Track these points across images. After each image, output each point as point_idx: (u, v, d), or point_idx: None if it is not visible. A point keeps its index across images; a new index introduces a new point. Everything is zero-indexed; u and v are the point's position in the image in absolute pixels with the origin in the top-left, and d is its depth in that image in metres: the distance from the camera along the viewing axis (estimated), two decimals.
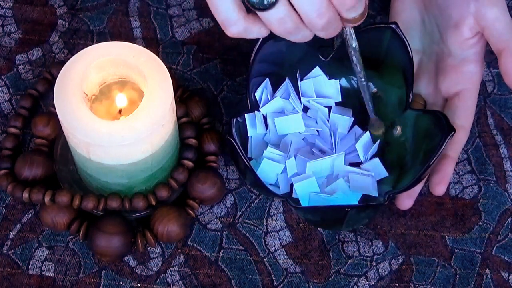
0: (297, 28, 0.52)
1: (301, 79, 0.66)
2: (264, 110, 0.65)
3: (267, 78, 0.65)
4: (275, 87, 0.66)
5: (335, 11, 0.51)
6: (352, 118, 0.66)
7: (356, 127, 0.66)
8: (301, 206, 0.62)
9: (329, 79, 0.67)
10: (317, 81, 0.67)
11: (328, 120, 0.66)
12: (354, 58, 0.60)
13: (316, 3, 0.50)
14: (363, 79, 0.62)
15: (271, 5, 0.49)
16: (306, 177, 0.62)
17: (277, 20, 0.50)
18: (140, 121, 0.56)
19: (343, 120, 0.66)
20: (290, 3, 0.50)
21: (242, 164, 0.59)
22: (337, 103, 0.67)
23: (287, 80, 0.66)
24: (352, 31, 0.58)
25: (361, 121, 0.66)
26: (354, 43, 0.58)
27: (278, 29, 0.51)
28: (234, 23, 0.50)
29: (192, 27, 0.73)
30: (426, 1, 0.67)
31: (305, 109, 0.67)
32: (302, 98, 0.66)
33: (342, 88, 0.67)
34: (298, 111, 0.65)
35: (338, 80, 0.67)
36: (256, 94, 0.65)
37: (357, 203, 0.62)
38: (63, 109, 0.56)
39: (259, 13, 0.50)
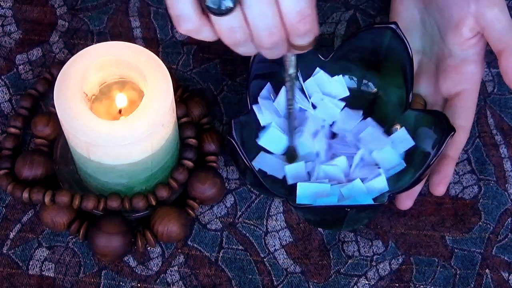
0: (245, 41, 0.51)
1: (303, 79, 0.66)
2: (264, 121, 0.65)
3: (268, 83, 0.65)
4: (275, 88, 0.66)
5: (285, 34, 0.51)
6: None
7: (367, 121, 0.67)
8: (301, 206, 0.62)
9: None
10: (321, 80, 0.66)
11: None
12: (288, 84, 0.59)
13: (268, 21, 0.49)
14: (291, 107, 0.62)
15: (226, 12, 0.49)
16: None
17: (228, 28, 0.50)
18: (140, 121, 0.56)
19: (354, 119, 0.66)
20: (245, 15, 0.50)
21: (242, 164, 0.59)
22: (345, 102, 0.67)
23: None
24: (293, 58, 0.57)
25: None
26: (291, 70, 0.58)
27: (226, 37, 0.51)
28: (189, 20, 0.50)
29: None
30: (426, 1, 0.67)
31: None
32: (312, 96, 0.66)
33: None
34: (306, 109, 0.65)
35: (341, 75, 0.67)
36: (259, 98, 0.65)
37: (357, 203, 0.62)
38: (63, 109, 0.56)
39: (213, 18, 0.50)
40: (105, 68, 0.59)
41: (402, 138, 0.64)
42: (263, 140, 0.64)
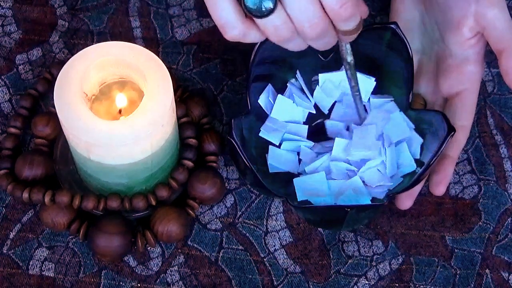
0: (292, 37, 0.53)
1: (304, 82, 0.66)
2: (274, 115, 0.65)
3: (269, 84, 0.65)
4: (275, 88, 0.66)
5: (329, 23, 0.52)
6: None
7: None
8: (301, 206, 0.62)
9: None
10: (327, 88, 0.67)
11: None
12: (348, 72, 0.60)
13: (309, 13, 0.50)
14: (357, 93, 0.62)
15: (268, 13, 0.50)
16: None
17: (273, 27, 0.52)
18: (140, 121, 0.56)
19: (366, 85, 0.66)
20: (287, 12, 0.51)
21: (242, 164, 0.59)
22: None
23: (289, 85, 0.66)
24: (348, 46, 0.58)
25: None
26: (350, 58, 0.59)
27: (273, 36, 0.52)
28: (234, 27, 0.52)
29: (192, 27, 0.73)
30: (427, 1, 0.67)
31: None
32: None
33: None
34: (309, 108, 0.66)
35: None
36: (259, 101, 0.65)
37: (357, 203, 0.62)
38: (63, 109, 0.56)
39: (256, 20, 0.51)
40: (105, 68, 0.59)
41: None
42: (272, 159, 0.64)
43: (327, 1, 0.50)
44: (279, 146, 0.65)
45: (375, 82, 0.66)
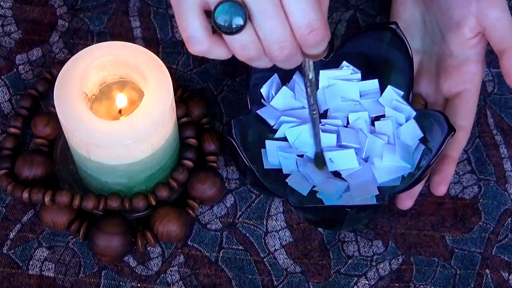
0: (259, 56, 0.52)
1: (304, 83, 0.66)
2: (274, 104, 0.65)
3: (276, 74, 0.65)
4: (282, 80, 0.66)
5: (297, 46, 0.51)
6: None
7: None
8: (301, 206, 0.62)
9: None
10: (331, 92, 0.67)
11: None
12: (308, 90, 0.58)
13: (280, 35, 0.49)
14: (314, 112, 0.60)
15: (238, 30, 0.49)
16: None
17: (241, 46, 0.51)
18: (140, 121, 0.56)
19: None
20: (256, 31, 0.50)
21: (242, 164, 0.59)
22: None
23: (294, 76, 0.66)
24: (311, 62, 0.56)
25: None
26: (311, 75, 0.57)
27: (240, 54, 0.51)
28: (200, 42, 0.51)
29: None
30: (427, 1, 0.67)
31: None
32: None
33: None
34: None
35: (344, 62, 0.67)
36: (262, 90, 0.65)
37: (357, 203, 0.62)
38: (63, 109, 0.56)
39: (225, 37, 0.50)
40: (105, 68, 0.59)
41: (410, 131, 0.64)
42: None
43: (297, 26, 0.49)
44: (275, 133, 0.65)
45: (378, 84, 0.66)
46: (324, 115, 0.66)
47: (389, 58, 0.65)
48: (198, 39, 0.50)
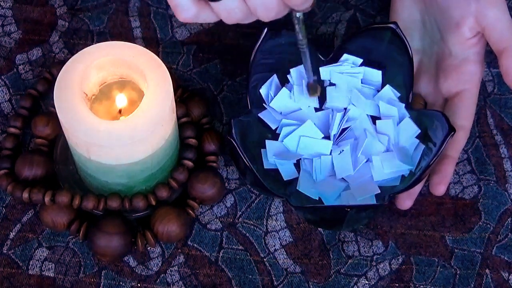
0: (245, 18, 0.53)
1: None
2: (273, 105, 0.65)
3: (275, 74, 0.65)
4: (281, 81, 0.66)
5: (283, 4, 0.52)
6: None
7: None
8: (301, 206, 0.62)
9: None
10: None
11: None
12: (297, 27, 0.58)
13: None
14: (303, 47, 0.60)
15: None
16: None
17: (227, 10, 0.52)
18: (140, 121, 0.56)
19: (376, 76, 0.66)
20: None
21: (242, 164, 0.59)
22: None
23: (289, 77, 0.66)
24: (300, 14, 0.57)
25: None
26: (299, 14, 0.57)
27: (226, 18, 0.53)
28: (187, 8, 0.52)
29: (192, 27, 0.73)
30: (427, 1, 0.67)
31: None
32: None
33: None
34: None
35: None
36: (261, 90, 0.65)
37: (357, 203, 0.62)
38: (63, 109, 0.56)
39: (210, 3, 0.52)
40: (105, 68, 0.59)
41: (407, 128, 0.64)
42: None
43: None
44: (276, 138, 0.64)
45: (381, 77, 0.66)
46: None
47: (389, 58, 0.65)
48: (185, 6, 0.52)
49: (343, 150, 0.63)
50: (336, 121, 0.64)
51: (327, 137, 0.64)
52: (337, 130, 0.64)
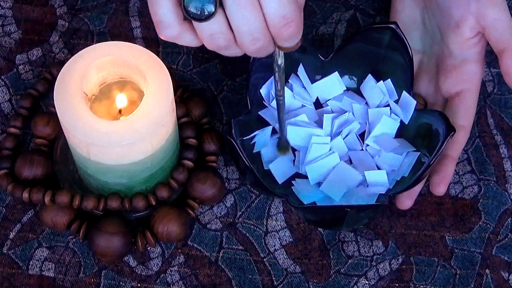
0: (228, 46, 0.50)
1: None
2: (274, 104, 0.65)
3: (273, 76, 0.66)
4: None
5: (270, 38, 0.49)
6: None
7: None
8: (301, 206, 0.62)
9: None
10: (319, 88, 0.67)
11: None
12: (276, 75, 0.56)
13: (252, 26, 0.48)
14: (281, 98, 0.59)
15: (207, 17, 0.48)
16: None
17: (210, 34, 0.49)
18: (140, 121, 0.56)
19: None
20: (228, 20, 0.48)
21: (242, 164, 0.59)
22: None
23: (290, 80, 0.66)
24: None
25: None
26: (280, 61, 0.55)
27: (209, 43, 0.50)
28: (169, 26, 0.49)
29: None
30: (427, 1, 0.67)
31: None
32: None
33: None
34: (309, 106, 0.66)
35: (336, 72, 0.67)
36: (261, 90, 0.65)
37: (357, 203, 0.62)
38: (63, 109, 0.56)
39: (195, 24, 0.49)
40: (105, 68, 0.59)
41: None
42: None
43: (271, 17, 0.48)
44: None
45: (399, 123, 0.65)
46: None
47: (389, 58, 0.65)
48: (168, 23, 0.49)
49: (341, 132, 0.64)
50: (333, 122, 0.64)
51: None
52: (332, 127, 0.64)
